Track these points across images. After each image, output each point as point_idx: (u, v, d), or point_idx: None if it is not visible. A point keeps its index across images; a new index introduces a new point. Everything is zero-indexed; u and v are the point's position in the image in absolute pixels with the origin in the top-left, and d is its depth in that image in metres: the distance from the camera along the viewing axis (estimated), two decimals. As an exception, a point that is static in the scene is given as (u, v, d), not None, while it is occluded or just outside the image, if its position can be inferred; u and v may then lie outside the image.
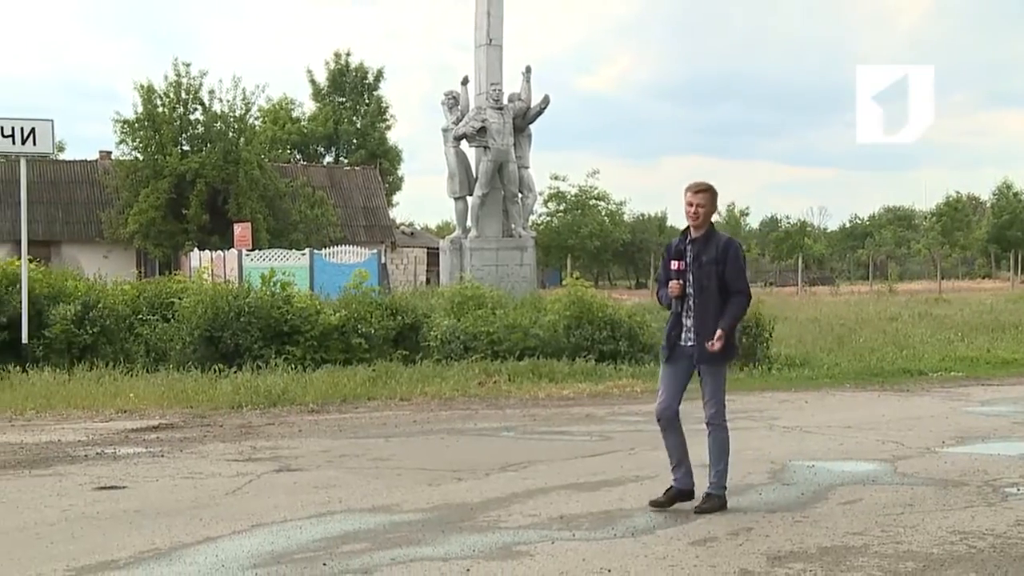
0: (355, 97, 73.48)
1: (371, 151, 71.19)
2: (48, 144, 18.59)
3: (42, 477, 10.37)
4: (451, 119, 27.78)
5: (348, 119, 72.67)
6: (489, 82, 27.05)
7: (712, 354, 8.31)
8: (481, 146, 27.19)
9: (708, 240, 8.40)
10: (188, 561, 7.27)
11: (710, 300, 8.31)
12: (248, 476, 10.30)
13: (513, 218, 27.68)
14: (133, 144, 48.69)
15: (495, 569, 7.06)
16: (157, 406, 14.91)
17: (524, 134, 28.07)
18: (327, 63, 74.03)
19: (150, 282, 22.51)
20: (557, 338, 18.97)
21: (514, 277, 26.27)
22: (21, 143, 17.93)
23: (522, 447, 12.04)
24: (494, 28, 27.31)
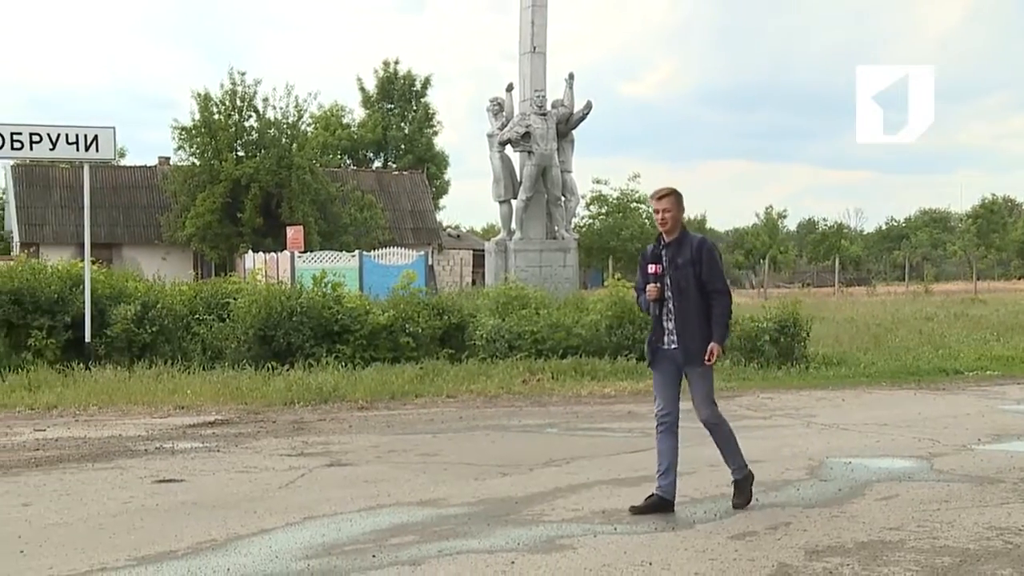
0: (403, 104, 73.54)
1: (419, 156, 71.25)
2: (110, 151, 18.70)
3: (104, 470, 10.46)
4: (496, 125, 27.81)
5: (396, 125, 72.76)
6: (533, 89, 27.04)
7: (696, 355, 8.16)
8: (525, 151, 27.18)
9: (681, 243, 8.22)
10: (243, 552, 7.32)
11: (690, 301, 8.14)
12: (300, 470, 10.35)
13: (556, 221, 27.67)
14: (190, 150, 49.00)
15: (539, 562, 7.06)
16: (213, 403, 15.00)
17: (567, 139, 28.07)
18: (376, 71, 74.16)
19: (206, 283, 22.63)
20: (599, 337, 18.93)
21: (557, 278, 26.24)
22: (85, 150, 18.06)
23: (565, 443, 12.03)
24: (538, 36, 27.31)
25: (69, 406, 14.81)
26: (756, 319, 19.62)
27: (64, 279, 18.95)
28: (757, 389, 16.81)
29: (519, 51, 27.70)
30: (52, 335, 18.02)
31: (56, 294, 18.44)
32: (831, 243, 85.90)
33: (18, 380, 16.39)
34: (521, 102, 27.52)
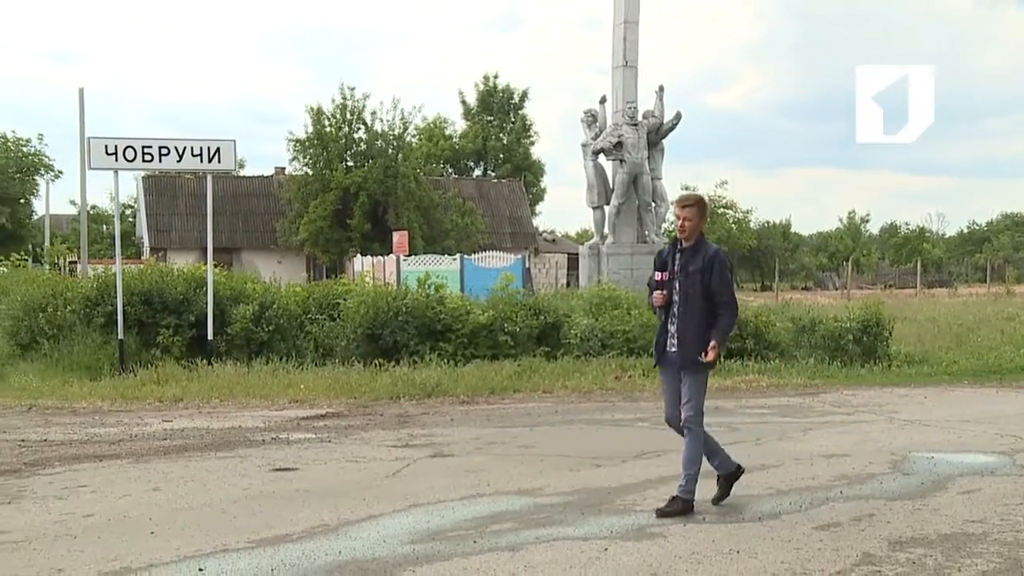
0: (502, 116, 73.71)
1: (516, 165, 71.36)
2: (231, 162, 18.93)
3: (226, 459, 10.62)
4: (590, 135, 27.85)
5: (495, 136, 72.94)
6: (625, 100, 27.05)
7: (694, 362, 7.91)
8: (617, 159, 27.19)
9: (696, 250, 7.99)
10: (353, 536, 7.38)
11: (694, 308, 7.89)
12: (406, 460, 10.42)
13: (647, 225, 27.62)
14: (304, 161, 49.52)
15: (631, 549, 7.04)
16: (325, 396, 15.15)
17: (657, 148, 28.00)
18: (477, 85, 74.49)
19: (318, 285, 22.84)
20: (688, 337, 18.78)
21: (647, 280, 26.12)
22: (208, 161, 18.32)
23: (656, 437, 11.94)
24: (630, 52, 27.30)
25: (193, 399, 15.07)
26: (840, 319, 19.39)
27: (189, 281, 19.28)
28: (841, 386, 16.60)
29: (612, 65, 27.71)
30: (178, 333, 18.35)
31: (182, 295, 18.77)
32: (913, 246, 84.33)
33: (148, 375, 16.71)
34: (614, 113, 27.52)
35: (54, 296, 19.37)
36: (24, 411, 14.41)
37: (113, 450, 11.18)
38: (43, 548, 7.18)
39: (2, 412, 14.35)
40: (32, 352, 18.86)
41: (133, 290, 18.59)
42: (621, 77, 27.31)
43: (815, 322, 19.72)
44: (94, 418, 13.70)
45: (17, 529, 7.72)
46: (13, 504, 8.60)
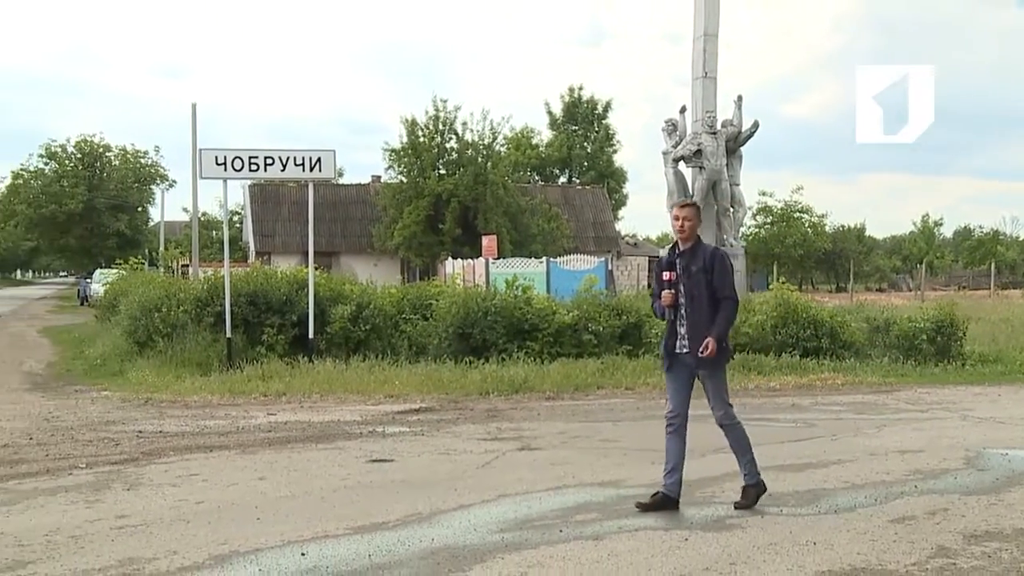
0: (586, 125, 73.61)
1: (600, 172, 71.24)
2: (331, 171, 19.12)
3: (326, 450, 10.73)
4: (670, 143, 27.72)
5: (580, 145, 72.89)
6: (704, 110, 26.89)
7: (707, 359, 7.73)
8: (697, 167, 27.04)
9: (695, 251, 7.83)
10: (445, 525, 7.42)
11: (701, 307, 7.73)
12: (495, 453, 10.45)
13: (725, 230, 27.39)
14: (399, 169, 49.76)
15: (710, 539, 7.00)
16: (418, 392, 15.24)
17: (736, 155, 27.77)
18: (562, 96, 74.42)
19: (412, 286, 22.98)
20: (764, 336, 18.63)
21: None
22: (310, 170, 18.51)
23: (733, 432, 11.88)
24: (709, 63, 27.12)
25: (296, 394, 15.24)
26: (914, 319, 19.13)
27: (291, 283, 19.52)
28: (915, 384, 16.35)
29: (692, 76, 27.53)
30: (281, 332, 18.58)
31: (285, 296, 19.00)
32: (987, 249, 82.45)
33: (253, 371, 16.94)
34: (693, 122, 27.35)
35: (168, 297, 19.74)
36: (141, 404, 14.69)
37: (222, 441, 11.36)
38: (159, 531, 7.32)
39: (121, 405, 14.66)
40: (148, 349, 19.24)
41: (240, 291, 18.86)
42: (701, 88, 27.14)
43: (889, 322, 19.45)
44: (204, 411, 13.92)
45: (136, 513, 7.88)
46: (132, 490, 8.78)
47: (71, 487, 8.95)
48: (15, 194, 68.47)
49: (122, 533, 7.30)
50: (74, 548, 6.91)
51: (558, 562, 6.48)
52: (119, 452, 10.70)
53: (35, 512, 8.02)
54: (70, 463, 10.08)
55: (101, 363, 19.90)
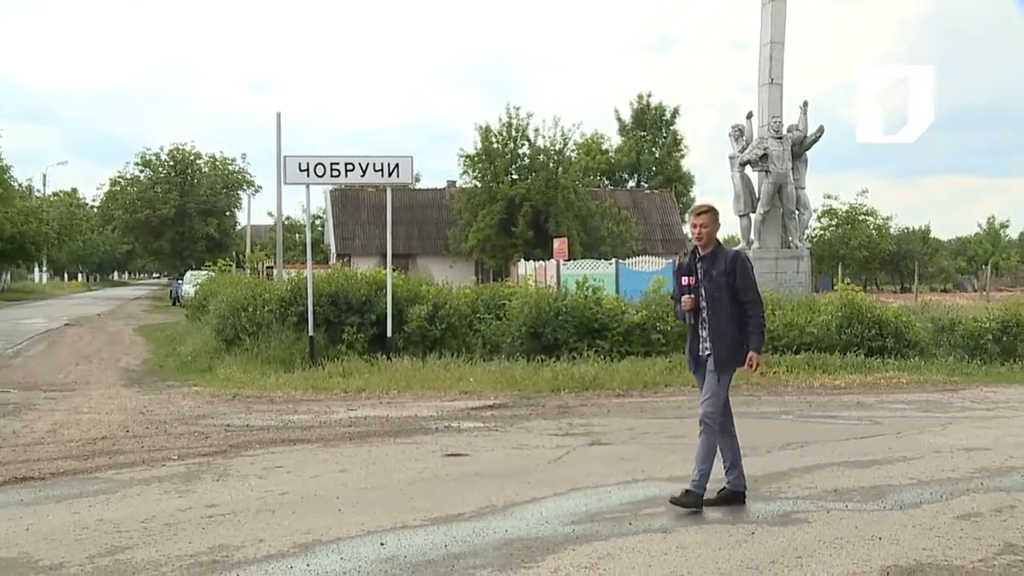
0: (654, 131, 73.32)
1: (667, 176, 70.88)
2: (408, 176, 19.21)
3: (404, 444, 10.78)
4: (737, 148, 27.56)
5: (648, 150, 72.63)
6: (770, 115, 26.70)
7: (725, 360, 7.56)
8: (763, 170, 26.85)
9: (715, 256, 7.66)
10: (518, 516, 7.42)
11: (722, 311, 7.56)
12: (566, 448, 10.43)
13: (791, 232, 27.16)
14: (473, 174, 49.94)
15: (776, 533, 6.92)
16: (492, 389, 15.26)
17: (801, 159, 27.54)
18: (631, 103, 74.30)
19: (486, 287, 23.00)
20: (829, 335, 18.40)
21: (791, 283, 25.69)
22: (388, 176, 18.62)
23: (799, 429, 11.74)
24: (775, 70, 26.93)
25: (375, 390, 15.33)
26: (979, 319, 18.80)
27: (370, 284, 19.64)
28: (980, 384, 16.06)
29: (758, 83, 27.34)
30: (361, 330, 18.70)
31: (364, 296, 19.13)
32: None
33: (334, 368, 17.08)
34: (759, 127, 27.15)
35: (254, 297, 19.97)
36: (229, 399, 14.87)
37: (305, 435, 11.46)
38: (246, 520, 7.41)
39: (210, 400, 14.85)
40: (235, 347, 19.48)
41: (322, 292, 19.03)
42: (767, 94, 26.96)
43: (954, 322, 19.11)
44: (288, 406, 14.06)
45: (224, 503, 7.98)
46: (220, 481, 8.90)
47: (164, 477, 9.10)
48: (113, 200, 70.02)
49: (212, 521, 7.40)
50: (168, 535, 7.02)
51: (628, 554, 6.45)
52: (208, 444, 10.85)
53: (132, 500, 8.16)
54: (163, 455, 10.24)
55: (192, 360, 20.18)
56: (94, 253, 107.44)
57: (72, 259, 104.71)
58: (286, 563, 6.30)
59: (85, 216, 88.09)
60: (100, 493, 8.45)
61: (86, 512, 7.74)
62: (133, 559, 6.43)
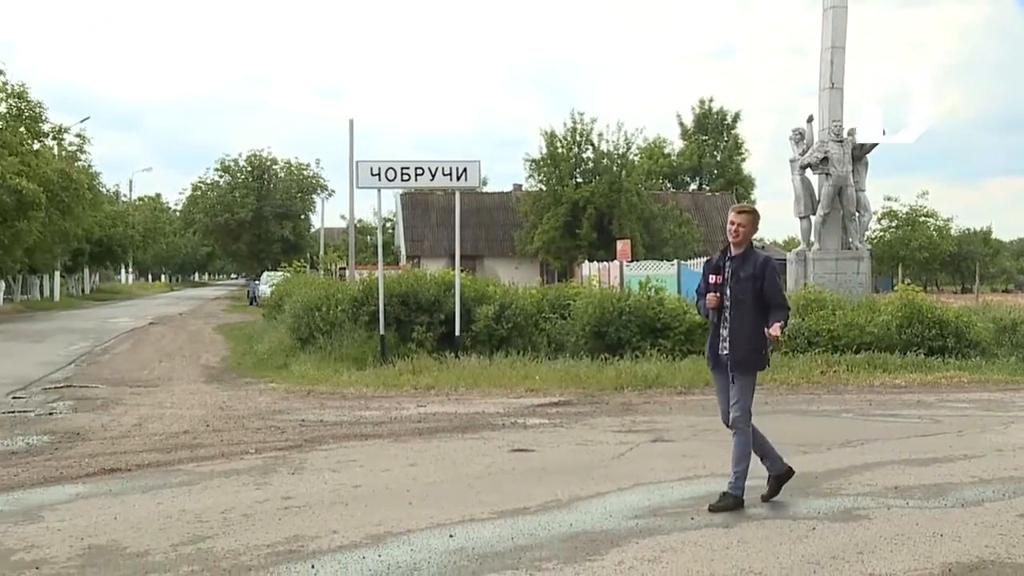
0: (716, 135, 72.79)
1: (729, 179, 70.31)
2: (476, 180, 19.25)
3: (471, 440, 10.81)
4: (797, 151, 27.30)
5: (710, 154, 72.13)
6: (831, 119, 26.42)
7: (741, 363, 7.38)
8: (823, 173, 26.56)
9: (746, 258, 7.48)
10: (583, 511, 7.41)
11: (745, 313, 7.36)
12: (629, 444, 10.39)
13: (851, 233, 26.81)
14: (538, 178, 49.95)
15: (837, 529, 6.83)
16: (557, 386, 15.24)
17: (861, 162, 27.17)
18: (693, 108, 73.82)
19: (551, 288, 23.00)
20: (890, 335, 18.13)
21: (851, 284, 25.34)
22: (456, 179, 18.71)
23: (859, 427, 11.58)
24: (836, 74, 26.61)
25: (443, 387, 15.39)
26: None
27: (439, 284, 19.71)
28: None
29: (819, 87, 27.04)
30: (430, 329, 18.78)
31: (433, 296, 19.21)
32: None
33: (405, 365, 17.18)
34: (820, 131, 26.86)
35: (327, 298, 20.15)
36: (304, 395, 15.02)
37: (376, 430, 11.55)
38: (320, 512, 7.47)
39: (286, 396, 15.01)
40: (310, 345, 19.66)
41: (392, 292, 19.14)
42: (827, 98, 26.65)
43: (1016, 322, 18.76)
44: (360, 402, 14.16)
45: (300, 495, 8.06)
46: (296, 474, 8.99)
47: (243, 470, 9.21)
48: (194, 204, 71.20)
49: (288, 513, 7.48)
50: (246, 525, 7.10)
51: (690, 547, 6.41)
52: (284, 439, 10.96)
53: (212, 492, 8.27)
54: (241, 448, 10.37)
55: (268, 357, 20.41)
56: (176, 255, 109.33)
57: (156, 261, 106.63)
58: (359, 553, 6.34)
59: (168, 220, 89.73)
60: (182, 485, 8.58)
61: (169, 502, 7.86)
62: (214, 548, 6.52)
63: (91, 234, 57.34)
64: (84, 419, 12.61)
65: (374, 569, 6.01)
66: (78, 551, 6.51)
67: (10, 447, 10.68)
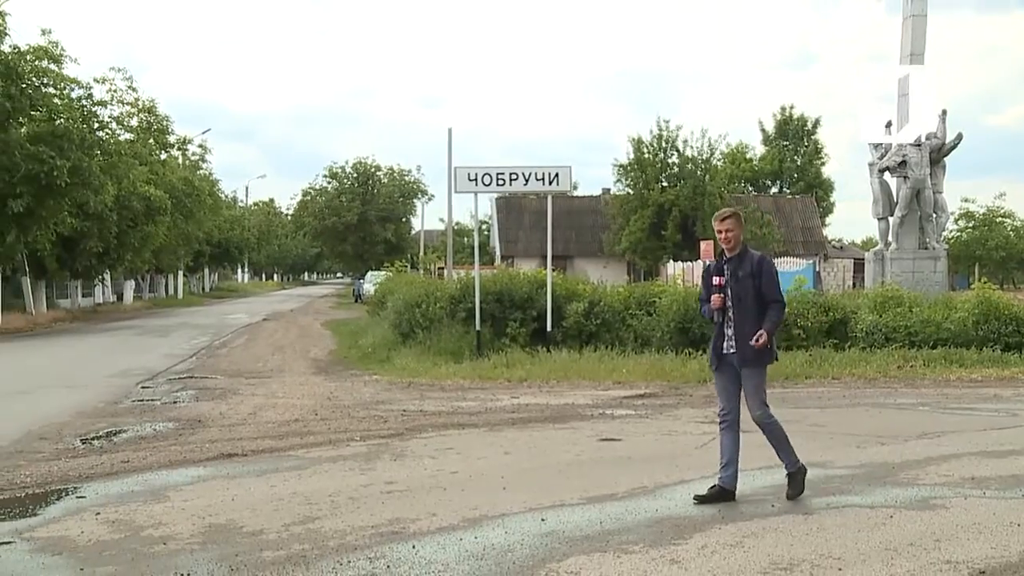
0: (796, 141, 71.59)
1: (808, 183, 69.12)
2: (567, 184, 19.30)
3: (562, 430, 10.82)
4: (876, 155, 26.80)
5: (790, 158, 70.98)
6: (909, 125, 25.84)
7: (751, 358, 7.13)
8: (901, 176, 26.03)
9: (743, 258, 7.21)
10: (668, 497, 7.37)
11: (747, 311, 7.11)
12: (711, 435, 10.25)
13: (928, 234, 26.22)
14: (626, 182, 49.62)
15: (914, 517, 6.69)
16: (642, 379, 15.17)
17: (939, 165, 26.56)
18: (774, 115, 72.64)
19: (637, 286, 22.91)
20: (966, 331, 17.67)
21: (928, 282, 24.77)
22: (548, 184, 18.74)
23: (936, 419, 11.31)
24: (914, 80, 26.02)
25: (535, 380, 15.42)
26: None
27: (532, 283, 19.76)
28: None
29: (897, 94, 26.45)
30: (523, 325, 18.85)
31: (526, 294, 19.27)
32: None
33: (499, 359, 17.25)
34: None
35: (427, 295, 20.35)
36: (405, 387, 15.17)
37: (472, 420, 11.61)
38: (420, 496, 7.55)
39: (388, 387, 15.18)
40: (410, 340, 19.86)
41: (488, 291, 19.25)
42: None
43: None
44: (457, 394, 14.26)
45: (401, 480, 8.15)
46: (398, 461, 9.09)
47: (348, 456, 9.35)
48: (304, 208, 72.40)
49: (390, 496, 7.56)
50: (352, 507, 7.21)
51: (771, 533, 6.33)
52: (387, 427, 11.09)
53: (320, 476, 8.41)
54: (347, 436, 10.52)
55: (372, 351, 20.64)
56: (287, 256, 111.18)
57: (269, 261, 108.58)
58: (456, 535, 6.39)
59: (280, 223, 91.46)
60: (293, 469, 8.73)
61: (282, 486, 8.01)
62: (322, 528, 6.63)
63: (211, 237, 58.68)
64: (204, 407, 12.92)
65: (471, 550, 6.05)
66: (200, 529, 6.67)
67: (140, 433, 11.00)
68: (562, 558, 5.86)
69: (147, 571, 5.72)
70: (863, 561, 5.71)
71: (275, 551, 6.09)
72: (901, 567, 5.60)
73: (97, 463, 9.13)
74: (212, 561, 5.88)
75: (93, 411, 12.79)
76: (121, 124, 36.15)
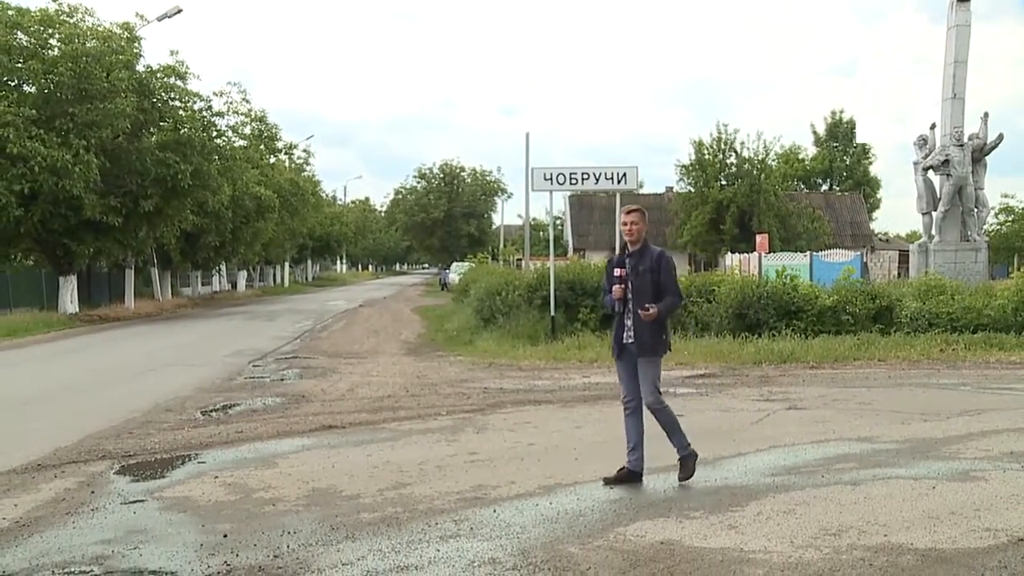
0: (845, 142, 70.28)
1: (857, 181, 67.82)
2: (634, 183, 19.18)
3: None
4: (920, 155, 26.26)
5: (839, 158, 69.72)
6: (952, 126, 25.31)
7: (648, 349, 6.79)
8: (944, 174, 25.49)
9: (644, 253, 6.89)
10: (726, 468, 7.32)
11: (645, 303, 6.73)
12: (766, 411, 10.18)
13: (969, 227, 25.61)
14: (687, 181, 49.21)
15: (956, 488, 6.54)
16: (702, 361, 15.04)
17: (980, 163, 25.94)
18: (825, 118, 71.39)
19: (698, 276, 22.71)
20: (1006, 317, 17.17)
21: (969, 272, 24.16)
22: (617, 183, 18.70)
23: (976, 398, 11.02)
24: (958, 86, 25.41)
25: (605, 361, 15.33)
26: None
27: (602, 273, 19.65)
28: None
29: (941, 97, 25.89)
30: (593, 311, 18.78)
31: (597, 283, 19.15)
32: None
33: (572, 342, 17.26)
34: (942, 136, 25.74)
35: (506, 284, 20.42)
36: (486, 367, 15.25)
37: (547, 397, 11.64)
38: (501, 465, 7.60)
39: (471, 367, 15.27)
40: (491, 324, 19.96)
41: (561, 280, 19.24)
42: (949, 107, 25.49)
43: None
44: (533, 373, 14.29)
45: (483, 451, 8.21)
46: (480, 434, 9.15)
47: (435, 429, 9.43)
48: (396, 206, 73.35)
49: (473, 465, 7.62)
50: (439, 475, 7.28)
51: (821, 502, 6.25)
52: (470, 403, 11.17)
53: (411, 447, 8.51)
54: (435, 411, 10.61)
55: (456, 335, 20.79)
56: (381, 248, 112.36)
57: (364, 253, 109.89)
58: (533, 501, 6.42)
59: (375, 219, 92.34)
60: (386, 440, 8.84)
61: (376, 455, 8.13)
62: (413, 493, 6.71)
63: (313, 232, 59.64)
64: (308, 384, 13.15)
65: (546, 514, 6.08)
66: (304, 492, 6.80)
67: (252, 406, 11.25)
68: (628, 522, 5.85)
69: (259, 529, 5.85)
70: (907, 528, 5.61)
71: (371, 513, 6.18)
72: (943, 534, 5.48)
73: (215, 432, 9.36)
74: (315, 521, 6.00)
75: (211, 387, 13.11)
76: (236, 132, 37.01)
